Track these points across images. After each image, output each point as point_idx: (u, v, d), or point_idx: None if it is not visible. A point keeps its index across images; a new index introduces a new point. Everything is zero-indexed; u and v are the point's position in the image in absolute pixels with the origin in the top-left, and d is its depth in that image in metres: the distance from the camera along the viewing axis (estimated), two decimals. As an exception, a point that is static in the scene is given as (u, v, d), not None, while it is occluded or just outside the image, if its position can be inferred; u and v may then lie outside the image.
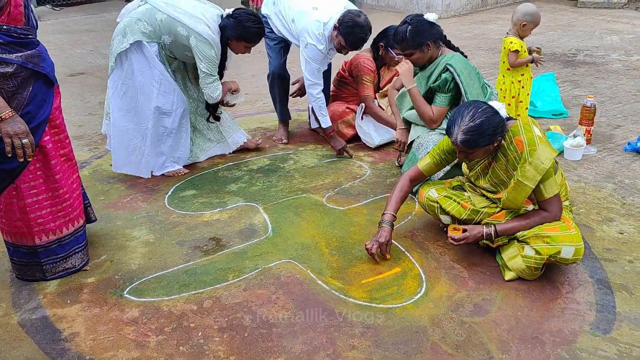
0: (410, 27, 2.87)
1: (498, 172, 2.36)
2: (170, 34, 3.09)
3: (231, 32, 3.12)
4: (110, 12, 8.98)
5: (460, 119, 2.23)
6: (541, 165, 2.19)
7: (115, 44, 3.15)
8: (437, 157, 2.53)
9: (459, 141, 2.23)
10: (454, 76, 2.89)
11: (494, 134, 2.21)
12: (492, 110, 2.23)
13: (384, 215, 2.53)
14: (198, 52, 3.09)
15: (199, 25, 3.04)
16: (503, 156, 2.31)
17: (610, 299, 2.24)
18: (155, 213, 3.01)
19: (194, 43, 3.06)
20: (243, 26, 3.09)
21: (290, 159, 3.64)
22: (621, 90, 4.70)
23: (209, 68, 3.14)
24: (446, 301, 2.26)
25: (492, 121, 2.20)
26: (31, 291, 2.38)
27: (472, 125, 2.20)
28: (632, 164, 3.38)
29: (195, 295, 2.33)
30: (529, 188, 2.23)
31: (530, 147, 2.21)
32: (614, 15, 7.66)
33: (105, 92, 3.27)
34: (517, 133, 2.26)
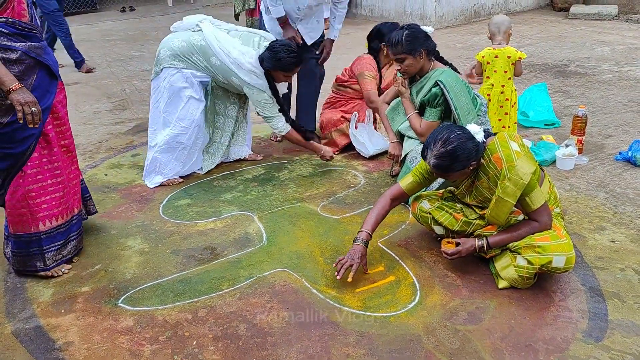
0: (407, 32, 2.91)
1: (481, 190, 2.38)
2: (225, 79, 3.33)
3: (268, 64, 3.23)
4: (105, 22, 9.00)
5: (433, 143, 2.26)
6: (520, 181, 2.21)
7: (162, 55, 3.33)
8: (420, 176, 2.52)
9: (432, 165, 2.27)
10: (444, 92, 2.92)
11: (467, 159, 2.23)
12: (466, 135, 2.24)
13: (359, 233, 2.47)
14: (253, 100, 3.33)
15: (250, 76, 3.25)
16: (484, 174, 2.33)
17: (602, 307, 2.26)
18: (150, 222, 3.01)
19: (248, 91, 3.30)
20: (277, 57, 3.20)
21: (285, 168, 3.66)
22: (612, 100, 4.75)
23: (266, 110, 3.34)
24: (440, 309, 2.27)
25: (464, 147, 2.22)
26: (25, 300, 2.38)
27: (443, 151, 2.22)
28: (623, 173, 3.42)
29: (190, 304, 2.33)
30: (509, 204, 2.25)
31: (508, 164, 2.23)
32: (605, 26, 7.76)
33: (100, 102, 3.29)
34: (495, 150, 2.28)
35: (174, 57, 3.29)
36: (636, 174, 3.39)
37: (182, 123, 3.34)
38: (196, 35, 3.30)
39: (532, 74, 5.53)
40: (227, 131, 3.67)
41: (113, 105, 5.06)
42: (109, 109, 4.95)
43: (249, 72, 3.24)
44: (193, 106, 3.34)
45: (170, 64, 3.29)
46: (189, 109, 3.33)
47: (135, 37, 7.98)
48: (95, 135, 4.31)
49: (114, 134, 4.35)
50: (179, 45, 3.28)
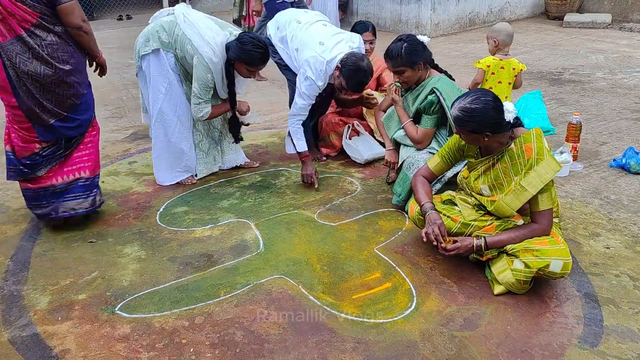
0: (406, 45, 2.93)
1: (500, 174, 2.40)
2: (181, 50, 3.25)
3: (232, 53, 3.20)
4: (102, 30, 9.02)
5: (465, 97, 2.35)
6: (545, 175, 2.25)
7: (138, 45, 3.35)
8: (447, 155, 2.62)
9: (453, 115, 2.36)
10: (439, 99, 2.94)
11: (483, 125, 2.28)
12: (495, 104, 2.30)
13: (423, 205, 2.55)
14: (195, 72, 3.21)
15: (205, 47, 3.17)
16: (509, 159, 2.37)
17: (597, 313, 2.27)
18: (146, 230, 3.02)
19: (195, 62, 3.19)
20: (243, 49, 3.15)
21: (282, 176, 3.67)
22: (606, 107, 4.79)
23: (200, 90, 3.23)
24: (436, 316, 2.28)
25: (487, 112, 2.28)
26: (21, 308, 2.38)
27: (467, 107, 2.30)
28: (617, 180, 3.44)
29: (187, 311, 2.34)
30: (528, 194, 2.29)
31: (538, 156, 2.28)
32: (599, 35, 7.83)
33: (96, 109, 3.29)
34: (529, 140, 2.32)
35: (145, 42, 3.30)
36: (630, 181, 3.41)
37: (165, 116, 3.36)
38: (168, 17, 3.33)
39: (527, 82, 5.57)
40: (211, 137, 3.64)
41: (110, 113, 5.06)
42: (106, 116, 4.95)
43: (206, 45, 3.16)
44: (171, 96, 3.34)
45: (144, 50, 3.30)
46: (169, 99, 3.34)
47: (131, 45, 7.94)
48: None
49: (111, 141, 4.35)
50: (148, 28, 3.32)
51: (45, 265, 2.69)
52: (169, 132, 3.41)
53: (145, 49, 3.29)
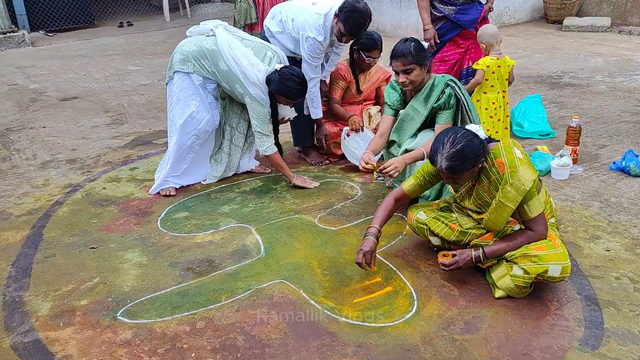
0: (414, 44, 2.94)
1: (481, 193, 2.40)
2: (229, 85, 3.36)
3: (274, 87, 3.30)
4: (103, 37, 9.06)
5: (441, 147, 2.27)
6: (522, 187, 2.24)
7: (174, 59, 3.38)
8: (422, 178, 2.57)
9: (444, 168, 2.26)
10: (456, 90, 2.97)
11: (477, 156, 2.26)
12: (470, 133, 2.28)
13: (368, 229, 2.54)
14: (251, 110, 3.34)
15: (254, 88, 3.29)
16: (485, 178, 2.36)
17: (598, 315, 2.28)
18: (148, 235, 3.03)
19: (248, 101, 3.32)
20: (284, 84, 3.27)
21: (283, 180, 3.68)
22: (606, 111, 4.80)
23: (260, 124, 3.38)
24: (437, 319, 2.28)
25: (473, 144, 2.24)
26: (23, 314, 2.38)
27: (453, 152, 2.23)
28: (617, 182, 3.45)
29: (189, 316, 2.34)
30: (509, 209, 2.28)
31: (511, 169, 2.26)
32: (598, 38, 7.84)
33: (98, 116, 3.33)
34: (499, 155, 2.31)
35: (184, 61, 3.33)
36: (630, 183, 3.42)
37: (187, 130, 3.40)
38: (209, 40, 3.34)
39: (527, 86, 5.59)
40: (236, 145, 3.71)
41: (111, 119, 5.09)
42: (107, 123, 4.98)
43: (254, 85, 3.28)
44: (200, 115, 3.38)
45: (180, 68, 3.34)
46: (194, 117, 3.38)
47: (132, 52, 8.04)
48: (94, 150, 4.33)
49: (112, 148, 4.37)
50: (189, 49, 3.33)
51: (47, 272, 2.70)
52: (182, 142, 3.43)
53: (182, 67, 3.35)
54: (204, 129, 3.44)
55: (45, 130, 4.80)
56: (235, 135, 3.69)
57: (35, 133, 4.75)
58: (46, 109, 5.44)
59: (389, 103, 3.18)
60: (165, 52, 7.83)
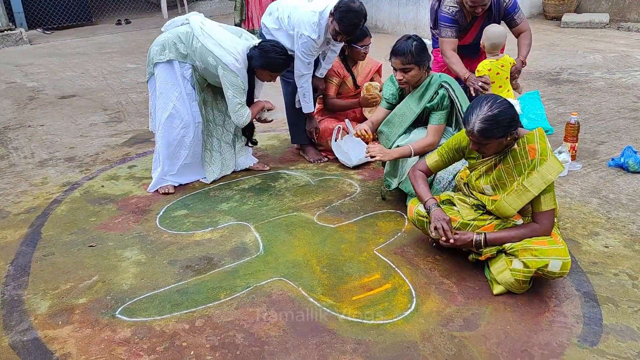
0: (416, 43, 2.92)
1: (502, 174, 2.40)
2: (202, 62, 3.30)
3: (256, 62, 3.28)
4: (101, 35, 9.04)
5: (479, 108, 2.30)
6: (548, 176, 2.26)
7: (152, 53, 3.36)
8: (446, 154, 2.61)
9: (476, 130, 2.28)
10: (449, 92, 2.96)
11: (510, 126, 2.28)
12: (508, 103, 2.31)
13: (427, 201, 2.54)
14: (225, 81, 3.27)
15: (227, 56, 3.23)
16: (512, 159, 2.36)
17: (596, 312, 2.28)
18: (146, 233, 3.02)
19: (221, 72, 3.25)
20: (267, 56, 3.25)
21: (281, 178, 3.68)
22: (604, 107, 4.80)
23: (235, 94, 3.30)
24: (436, 316, 2.29)
25: (508, 113, 2.27)
26: (22, 313, 2.38)
27: (490, 115, 2.26)
28: (616, 179, 3.45)
29: (187, 314, 2.34)
30: (531, 195, 2.29)
31: (542, 157, 2.28)
32: (596, 34, 7.84)
33: (96, 114, 3.32)
34: (532, 141, 2.32)
35: (161, 52, 3.33)
36: (629, 180, 3.42)
37: (173, 124, 3.39)
38: (183, 27, 3.36)
39: (525, 82, 5.58)
40: (226, 142, 3.69)
41: (109, 117, 5.08)
42: (105, 121, 4.97)
43: (228, 53, 3.22)
44: (182, 106, 3.37)
45: (159, 59, 3.32)
46: (178, 109, 3.37)
47: (130, 49, 8.02)
48: (92, 148, 4.32)
49: (110, 145, 4.36)
50: (164, 38, 3.34)
51: (46, 270, 2.70)
52: (171, 137, 3.42)
53: (160, 57, 3.33)
54: (188, 121, 3.41)
55: (44, 129, 4.79)
56: (223, 133, 3.67)
57: (33, 131, 4.74)
58: (44, 107, 5.43)
59: (385, 96, 3.19)
60: (163, 50, 7.80)
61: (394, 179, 3.20)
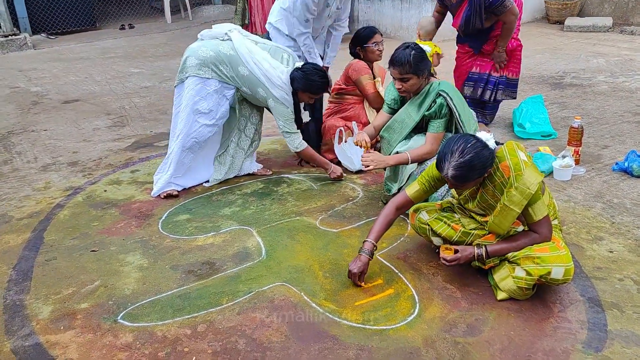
0: (414, 53, 2.90)
1: (486, 197, 2.39)
2: (250, 90, 3.37)
3: (298, 84, 3.32)
4: (104, 40, 9.06)
5: (449, 154, 2.24)
6: (527, 190, 2.22)
7: (188, 63, 3.33)
8: (427, 183, 2.53)
9: (450, 176, 2.24)
10: (447, 100, 2.94)
11: (484, 168, 2.24)
12: (481, 144, 2.25)
13: (364, 244, 2.51)
14: (275, 112, 3.38)
15: (277, 90, 3.32)
16: (490, 182, 2.34)
17: (601, 318, 2.26)
18: (149, 238, 3.02)
19: (272, 104, 3.35)
20: (309, 79, 3.31)
21: (284, 183, 3.67)
22: (608, 111, 4.78)
23: (287, 124, 3.42)
24: (439, 322, 2.27)
25: (481, 155, 2.22)
26: (24, 317, 2.38)
27: (462, 161, 2.20)
28: (620, 183, 3.43)
29: (189, 319, 2.33)
30: (515, 213, 2.26)
31: (516, 172, 2.24)
32: (600, 38, 7.82)
33: (99, 118, 3.32)
34: (503, 159, 2.29)
35: (200, 67, 3.30)
36: (633, 184, 3.40)
37: (189, 134, 3.40)
38: (225, 45, 3.33)
39: (529, 86, 5.57)
40: (241, 147, 3.71)
41: (112, 122, 5.08)
42: (108, 125, 4.97)
43: (277, 87, 3.31)
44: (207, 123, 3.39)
45: (196, 73, 3.31)
46: (199, 123, 3.38)
47: (134, 54, 8.04)
48: (95, 152, 4.33)
49: (113, 150, 4.37)
50: (207, 55, 3.30)
51: (48, 275, 2.70)
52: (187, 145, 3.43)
53: (198, 72, 3.30)
54: (206, 136, 3.44)
55: (47, 133, 4.80)
56: (241, 138, 3.69)
57: (36, 136, 4.75)
58: (47, 111, 5.44)
59: (387, 101, 3.19)
60: (166, 54, 7.83)
61: (394, 183, 3.19)
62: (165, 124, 4.94)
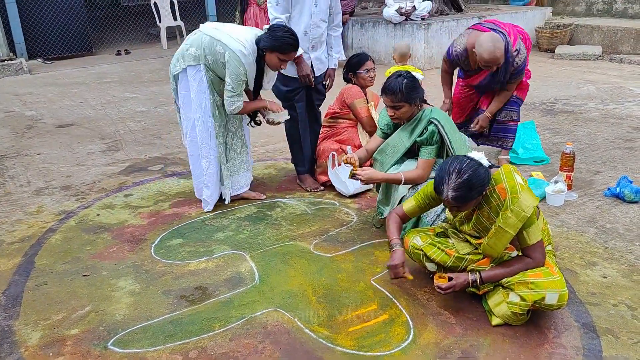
0: (406, 82, 2.94)
1: (481, 219, 2.39)
2: (211, 54, 3.32)
3: (265, 43, 3.28)
4: (100, 65, 9.12)
5: (447, 176, 2.25)
6: (522, 213, 2.23)
7: (171, 67, 3.46)
8: (422, 201, 2.57)
9: (451, 198, 2.25)
10: (439, 128, 2.97)
11: (482, 186, 2.26)
12: (475, 163, 2.28)
13: (392, 241, 2.56)
14: (228, 68, 3.28)
15: (235, 43, 3.26)
16: (486, 204, 2.35)
17: (596, 343, 2.25)
18: (141, 263, 2.99)
19: (227, 57, 3.26)
20: (275, 36, 3.25)
21: (278, 207, 3.67)
22: (599, 137, 4.83)
23: (233, 83, 3.30)
24: (434, 348, 2.25)
25: (479, 174, 2.24)
26: (12, 344, 2.34)
27: (460, 182, 2.22)
28: (612, 209, 3.45)
29: (181, 345, 2.30)
30: (509, 235, 2.27)
31: (512, 195, 2.26)
32: (590, 66, 7.95)
33: (93, 143, 3.32)
34: (500, 181, 2.31)
35: (176, 63, 3.41)
36: (625, 210, 3.42)
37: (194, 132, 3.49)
38: (192, 35, 3.43)
39: (521, 113, 5.61)
40: (234, 150, 3.70)
41: (106, 146, 5.09)
42: (102, 150, 4.97)
43: (236, 41, 3.25)
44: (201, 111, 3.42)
45: (175, 70, 3.41)
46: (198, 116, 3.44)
47: (129, 79, 8.09)
48: (88, 176, 4.32)
49: (107, 174, 4.36)
50: (181, 48, 3.42)
51: (38, 300, 2.66)
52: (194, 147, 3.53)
53: (177, 68, 3.39)
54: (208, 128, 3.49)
55: (40, 157, 4.79)
56: (234, 140, 3.68)
57: (30, 160, 4.74)
58: (42, 135, 5.44)
59: (381, 126, 3.21)
60: (161, 80, 7.88)
61: (386, 207, 3.20)
62: (159, 148, 4.95)
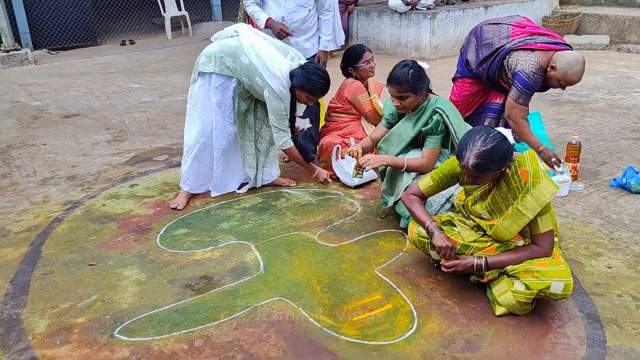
0: (412, 71, 2.93)
1: (497, 199, 2.39)
2: (249, 79, 3.35)
3: (297, 81, 3.30)
4: (105, 55, 9.12)
5: (472, 143, 2.26)
6: (542, 198, 2.23)
7: (200, 63, 3.44)
8: (439, 180, 2.57)
9: (471, 165, 2.25)
10: (444, 118, 2.96)
11: (504, 159, 2.26)
12: (501, 136, 2.28)
13: (429, 224, 2.50)
14: (269, 104, 3.34)
15: (274, 80, 3.28)
16: (505, 184, 2.35)
17: (600, 334, 2.25)
18: (147, 252, 3.01)
19: (267, 95, 3.31)
20: (308, 78, 3.26)
21: (282, 197, 3.68)
22: (605, 128, 4.81)
23: (277, 119, 3.37)
24: (438, 337, 2.26)
25: (502, 147, 2.25)
26: (20, 332, 2.36)
27: (484, 150, 2.23)
28: (618, 199, 3.44)
29: (186, 334, 2.32)
30: (527, 218, 2.27)
31: (534, 179, 2.26)
32: (597, 56, 7.89)
33: (99, 133, 3.33)
34: (523, 164, 2.31)
35: (207, 62, 3.39)
36: (631, 200, 3.41)
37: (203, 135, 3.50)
38: (233, 39, 3.41)
39: (526, 103, 5.59)
40: (259, 150, 3.74)
41: (112, 136, 5.10)
42: (108, 140, 4.99)
43: (275, 77, 3.28)
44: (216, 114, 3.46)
45: (203, 69, 3.40)
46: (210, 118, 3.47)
47: (134, 69, 8.09)
48: (94, 166, 4.34)
49: (112, 164, 4.37)
50: (212, 49, 3.40)
51: (45, 289, 2.69)
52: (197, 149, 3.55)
53: (205, 67, 3.40)
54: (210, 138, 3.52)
55: (46, 147, 4.81)
56: (258, 140, 3.73)
57: (36, 150, 4.76)
58: (47, 126, 5.46)
59: (385, 116, 3.21)
60: (167, 70, 7.88)
61: (391, 197, 3.20)
62: (164, 138, 4.95)
